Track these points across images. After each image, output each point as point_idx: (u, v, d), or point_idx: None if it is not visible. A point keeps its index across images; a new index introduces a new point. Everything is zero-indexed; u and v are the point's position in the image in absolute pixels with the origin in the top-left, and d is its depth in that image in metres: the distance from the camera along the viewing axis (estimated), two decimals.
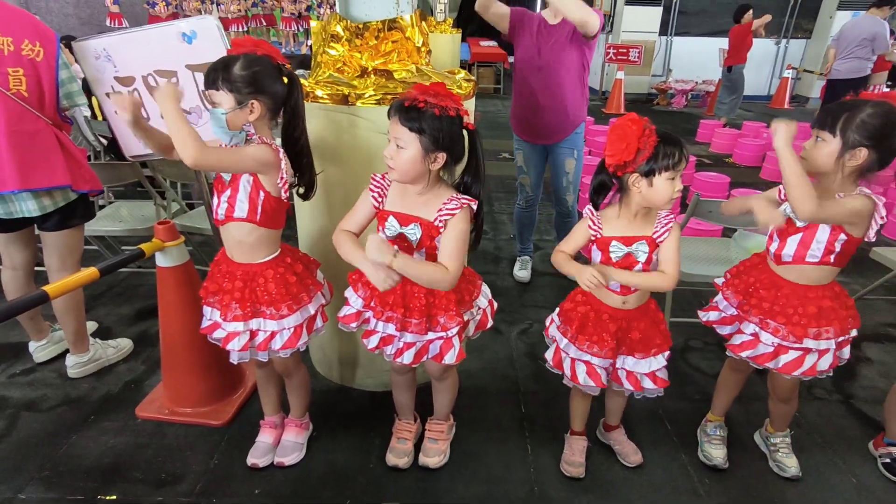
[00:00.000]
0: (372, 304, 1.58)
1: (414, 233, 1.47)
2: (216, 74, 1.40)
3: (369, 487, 1.75)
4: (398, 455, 1.81)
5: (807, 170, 1.43)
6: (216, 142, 1.50)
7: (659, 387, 1.63)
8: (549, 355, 1.71)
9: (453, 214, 1.44)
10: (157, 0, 10.74)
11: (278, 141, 1.53)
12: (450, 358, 1.57)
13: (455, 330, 1.54)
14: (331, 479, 1.78)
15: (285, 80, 1.49)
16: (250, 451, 1.83)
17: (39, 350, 2.30)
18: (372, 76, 1.80)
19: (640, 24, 8.88)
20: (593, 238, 1.54)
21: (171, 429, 1.97)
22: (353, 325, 1.62)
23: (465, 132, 1.44)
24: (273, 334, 1.59)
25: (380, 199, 1.52)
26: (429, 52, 1.91)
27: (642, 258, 1.51)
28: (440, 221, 1.45)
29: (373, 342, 1.61)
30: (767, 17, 6.89)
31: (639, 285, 1.54)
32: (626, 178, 1.45)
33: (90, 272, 1.59)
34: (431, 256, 1.50)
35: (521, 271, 3.14)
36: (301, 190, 1.64)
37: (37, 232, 2.12)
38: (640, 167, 1.40)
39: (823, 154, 1.45)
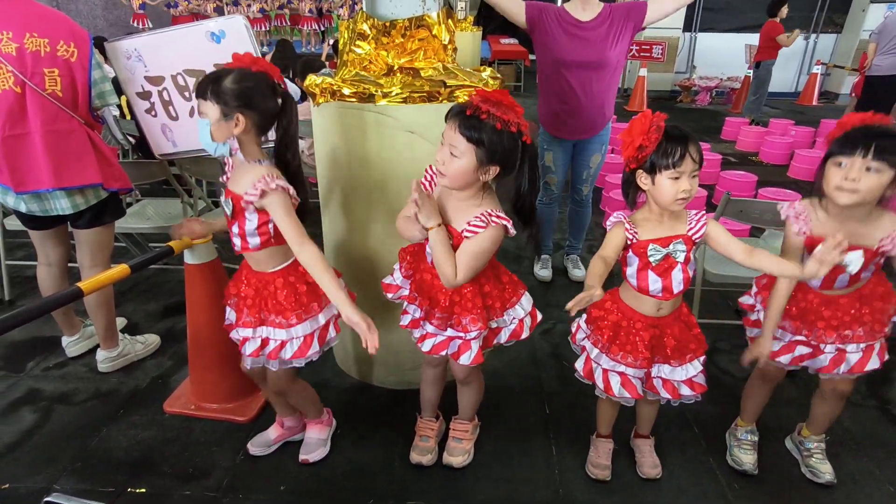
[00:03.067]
0: (409, 284, 1.62)
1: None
2: (206, 85, 1.39)
3: (393, 486, 1.75)
4: (421, 452, 1.81)
5: (851, 202, 1.37)
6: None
7: (697, 392, 1.60)
8: (578, 365, 1.67)
9: (476, 233, 1.41)
10: (178, 1, 10.93)
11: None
12: (465, 359, 1.55)
13: (475, 333, 1.52)
14: (354, 476, 1.78)
15: (279, 100, 1.47)
16: (254, 438, 1.87)
17: (72, 345, 2.35)
18: (398, 74, 1.80)
19: (664, 20, 8.74)
20: (630, 243, 1.51)
21: (198, 424, 2.00)
22: (391, 295, 1.68)
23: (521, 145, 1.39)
24: (283, 343, 1.56)
25: (428, 188, 1.51)
26: (455, 49, 1.90)
27: (681, 258, 1.47)
28: (467, 233, 1.42)
29: (405, 320, 1.65)
30: (797, 34, 6.68)
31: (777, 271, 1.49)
32: (636, 174, 1.43)
33: (121, 269, 1.62)
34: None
35: (543, 270, 3.12)
36: None
37: (69, 229, 2.17)
38: (645, 164, 1.39)
39: (876, 186, 1.36)
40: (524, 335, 1.66)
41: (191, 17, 10.63)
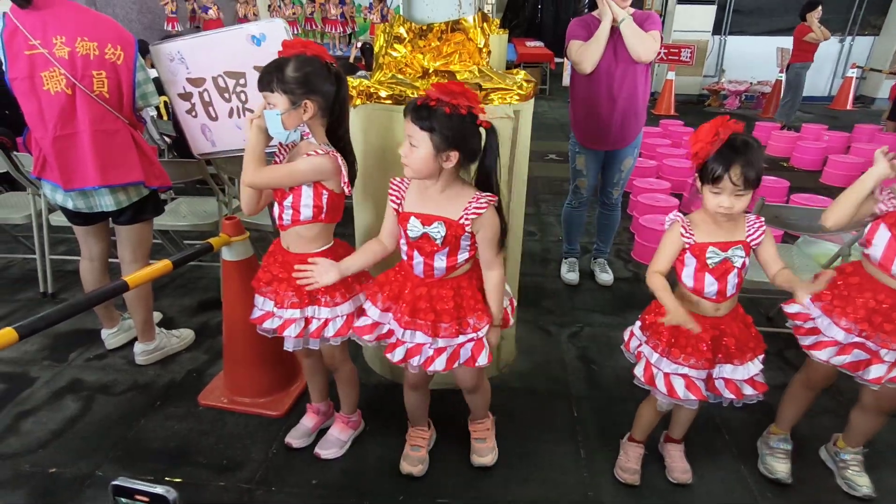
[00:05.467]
0: (396, 314, 1.55)
1: (438, 231, 1.45)
2: (270, 77, 1.44)
3: (423, 484, 1.77)
4: (412, 463, 1.79)
5: None
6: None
7: (759, 391, 1.58)
8: (638, 371, 1.65)
9: (479, 214, 1.43)
10: (209, 5, 11.20)
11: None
12: (482, 359, 1.55)
13: (485, 329, 1.54)
14: (385, 473, 1.81)
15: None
16: (293, 428, 1.91)
17: (111, 337, 2.43)
18: (434, 77, 1.82)
19: (693, 23, 8.63)
20: (687, 245, 1.51)
21: (232, 417, 2.04)
22: (368, 337, 1.60)
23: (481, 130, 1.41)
24: (326, 322, 1.63)
25: (398, 202, 1.52)
26: (489, 52, 1.92)
27: (738, 263, 1.48)
28: (466, 219, 1.44)
29: (398, 355, 1.57)
30: (819, 28, 6.51)
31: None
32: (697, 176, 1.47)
33: (164, 264, 1.67)
34: (454, 252, 1.48)
35: (570, 273, 3.11)
36: None
37: (111, 226, 2.24)
38: (700, 169, 1.44)
39: None
40: (511, 322, 1.68)
41: (219, 21, 10.89)
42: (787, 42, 6.83)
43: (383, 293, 1.58)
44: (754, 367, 1.57)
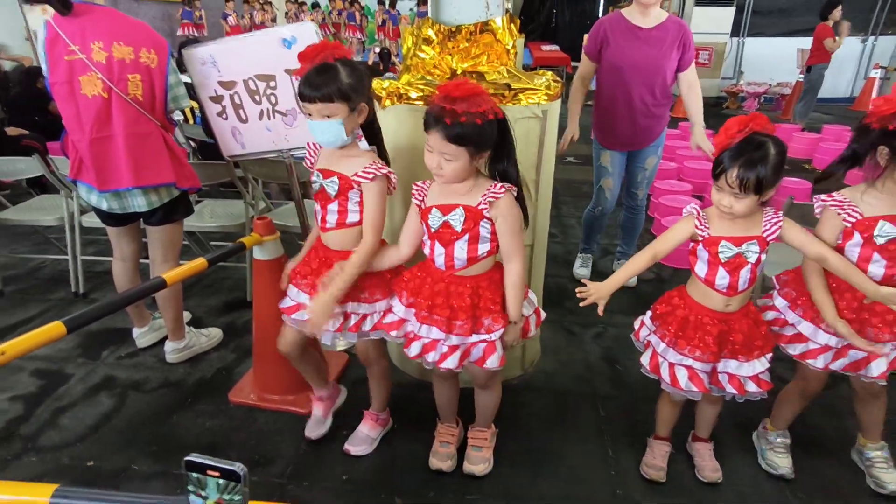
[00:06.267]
0: (415, 306, 1.58)
1: (458, 219, 1.47)
2: (329, 88, 1.44)
3: (452, 481, 1.78)
4: (441, 458, 1.80)
5: None
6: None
7: (763, 389, 1.58)
8: (644, 360, 1.67)
9: (497, 198, 1.45)
10: (229, 12, 11.39)
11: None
12: (492, 362, 1.54)
13: (499, 333, 1.53)
14: (415, 470, 1.82)
15: None
16: (307, 424, 1.94)
17: (142, 336, 2.48)
18: (463, 78, 1.84)
19: (711, 25, 8.59)
20: (700, 238, 1.52)
21: (262, 414, 2.08)
22: (395, 333, 1.61)
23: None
24: (364, 316, 1.66)
25: (420, 199, 1.55)
26: (515, 53, 1.94)
27: (752, 258, 1.47)
28: (484, 204, 1.46)
29: (414, 350, 1.58)
30: (845, 29, 6.44)
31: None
32: None
33: (199, 262, 1.71)
34: (474, 241, 1.49)
35: (582, 269, 3.11)
36: None
37: (142, 227, 2.29)
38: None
39: None
40: (531, 333, 1.67)
41: (239, 28, 11.06)
42: (806, 43, 6.77)
43: (407, 289, 1.60)
44: (760, 364, 1.57)
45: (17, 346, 1.20)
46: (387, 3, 12.75)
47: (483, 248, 1.51)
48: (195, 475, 0.63)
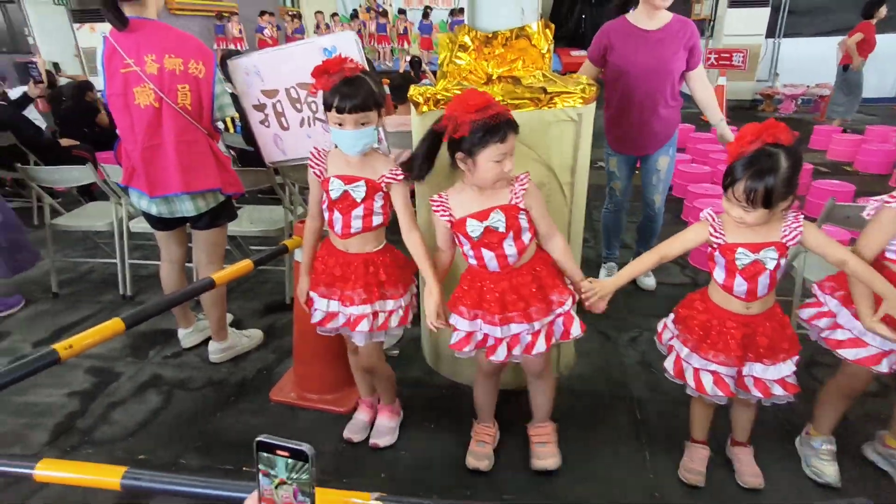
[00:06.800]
0: (485, 318, 1.59)
1: (500, 221, 1.53)
2: (368, 98, 1.52)
3: (489, 481, 1.80)
4: (478, 458, 1.82)
5: None
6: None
7: (789, 392, 1.55)
8: (668, 365, 1.67)
9: (526, 188, 1.54)
10: (264, 25, 11.71)
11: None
12: (576, 330, 1.62)
13: (570, 302, 1.61)
14: (452, 470, 1.84)
15: None
16: (348, 424, 1.98)
17: (186, 336, 2.57)
18: (498, 83, 1.88)
19: (745, 26, 8.43)
20: (715, 245, 1.51)
21: (302, 413, 2.13)
22: (467, 349, 1.64)
23: None
24: (391, 313, 1.71)
25: (447, 213, 1.58)
26: (550, 58, 1.96)
27: (770, 265, 1.45)
28: (517, 197, 1.53)
29: (500, 354, 1.61)
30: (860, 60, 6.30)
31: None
32: None
33: (246, 264, 1.78)
34: (518, 235, 1.54)
35: (607, 279, 3.08)
36: None
37: (188, 231, 2.39)
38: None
39: None
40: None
41: (275, 40, 11.36)
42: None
43: (465, 305, 1.62)
44: (786, 367, 1.54)
45: (83, 341, 1.27)
46: (405, 12, 12.98)
47: (526, 237, 1.57)
48: (265, 454, 0.66)
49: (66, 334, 2.70)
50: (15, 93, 4.60)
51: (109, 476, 0.88)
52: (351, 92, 1.51)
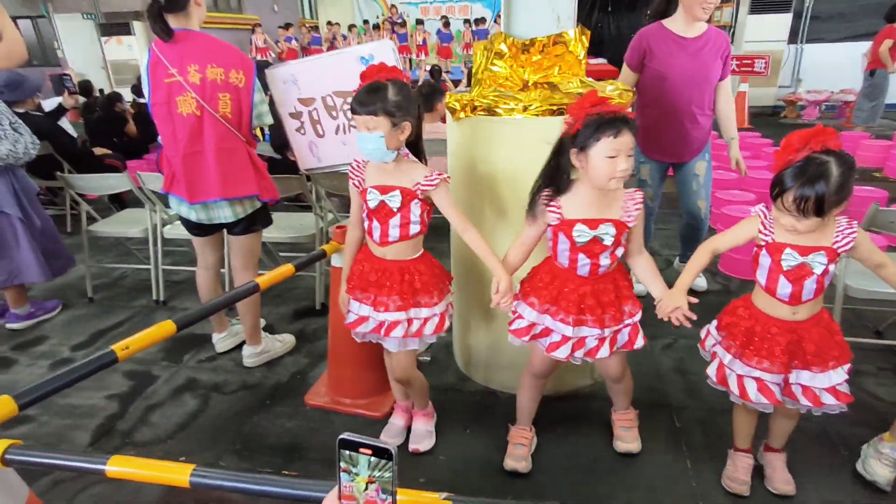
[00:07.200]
0: (558, 315, 1.62)
1: (609, 235, 1.55)
2: (374, 102, 1.53)
3: (528, 485, 1.79)
4: (516, 459, 1.82)
5: None
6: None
7: (842, 402, 1.52)
8: (710, 371, 1.65)
9: (640, 209, 1.57)
10: (292, 35, 11.93)
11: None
12: (639, 342, 1.68)
13: (640, 314, 1.66)
14: (491, 474, 1.84)
15: None
16: (384, 429, 1.98)
17: (221, 341, 2.61)
18: (534, 89, 1.89)
19: (767, 32, 8.37)
20: (763, 243, 1.49)
21: (337, 417, 2.14)
22: (525, 338, 1.68)
23: None
24: (426, 320, 1.71)
25: (559, 212, 1.57)
26: (585, 63, 1.97)
27: (818, 270, 1.43)
28: (629, 217, 1.54)
29: (563, 352, 1.63)
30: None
31: None
32: None
33: (287, 268, 1.80)
34: (616, 248, 1.58)
35: (636, 285, 3.06)
36: None
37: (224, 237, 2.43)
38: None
39: None
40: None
41: (296, 52, 11.55)
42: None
43: (539, 298, 1.65)
44: (837, 376, 1.50)
45: (138, 343, 1.30)
46: (423, 22, 13.11)
47: (620, 251, 1.61)
48: (347, 452, 0.67)
49: (102, 338, 2.75)
50: (49, 104, 4.72)
51: (178, 474, 0.89)
52: (364, 98, 1.55)
